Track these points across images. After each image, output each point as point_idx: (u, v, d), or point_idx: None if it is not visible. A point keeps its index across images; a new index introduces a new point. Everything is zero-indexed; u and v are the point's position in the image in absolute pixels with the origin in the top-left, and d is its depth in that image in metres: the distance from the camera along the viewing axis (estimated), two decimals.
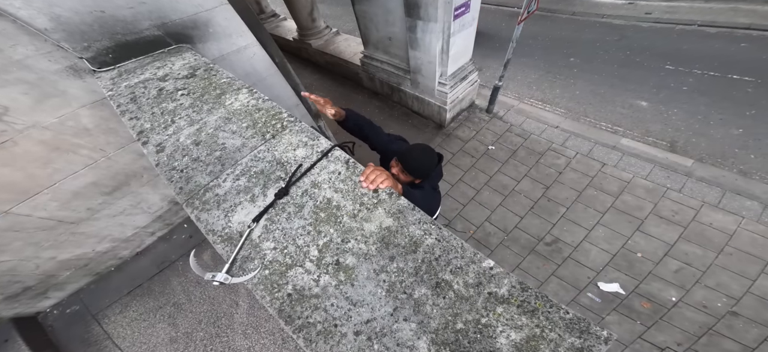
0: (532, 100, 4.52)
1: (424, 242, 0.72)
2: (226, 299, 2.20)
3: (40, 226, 1.74)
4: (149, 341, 2.12)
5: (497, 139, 3.76)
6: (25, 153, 1.50)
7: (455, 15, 2.81)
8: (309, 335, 0.62)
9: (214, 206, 0.87)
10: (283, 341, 1.91)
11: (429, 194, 1.30)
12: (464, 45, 3.33)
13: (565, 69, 5.01)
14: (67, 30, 1.30)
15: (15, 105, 1.39)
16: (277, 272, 0.72)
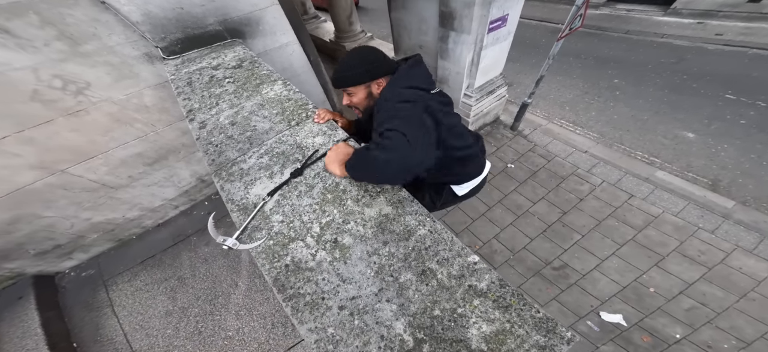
0: (563, 121, 4.34)
1: (417, 231, 0.77)
2: (227, 278, 2.23)
3: (87, 187, 1.98)
4: (146, 313, 2.17)
5: (518, 158, 3.66)
6: (93, 122, 1.75)
7: (490, 28, 2.80)
8: (297, 305, 0.69)
9: (238, 179, 0.99)
10: (272, 325, 1.93)
11: (392, 91, 0.99)
12: (496, 58, 3.30)
13: (606, 91, 4.75)
14: (152, 23, 1.54)
15: (97, 82, 1.64)
16: (280, 243, 0.80)
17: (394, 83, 1.02)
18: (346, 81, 1.05)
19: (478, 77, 3.30)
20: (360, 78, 1.04)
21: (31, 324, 2.00)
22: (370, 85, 1.06)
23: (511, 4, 2.78)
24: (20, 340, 1.90)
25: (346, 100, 1.11)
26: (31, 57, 1.41)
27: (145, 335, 2.06)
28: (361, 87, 1.06)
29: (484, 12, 2.66)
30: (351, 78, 1.05)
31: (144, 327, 2.09)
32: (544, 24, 7.11)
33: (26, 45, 1.38)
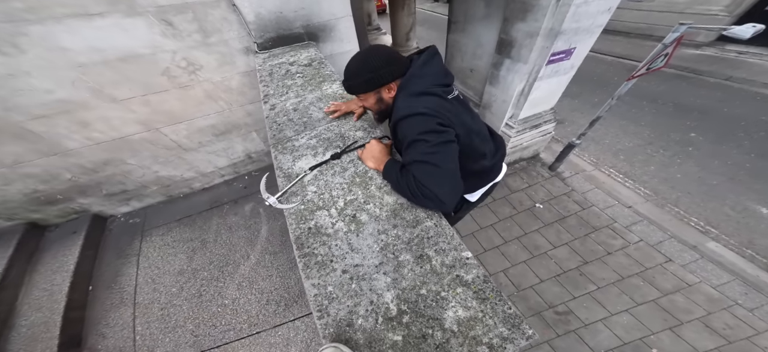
0: (613, 170, 4.01)
1: (424, 222, 0.89)
2: (242, 249, 2.33)
3: (167, 145, 2.38)
4: (162, 268, 2.28)
5: (549, 199, 3.50)
6: (193, 95, 2.14)
7: (550, 60, 2.70)
8: (309, 263, 0.83)
9: (289, 152, 1.20)
10: (267, 302, 1.97)
11: (407, 102, 0.95)
12: (549, 92, 3.20)
13: (676, 145, 4.26)
14: (259, 24, 1.87)
15: (207, 66, 2.03)
16: (309, 209, 0.97)
17: (406, 89, 0.98)
18: (352, 90, 1.03)
19: (525, 109, 3.24)
20: (365, 86, 1.01)
21: (68, 261, 2.17)
22: (379, 91, 1.02)
23: (581, 38, 2.62)
24: (52, 273, 2.09)
25: (360, 102, 1.11)
26: (175, 43, 1.82)
27: (153, 289, 2.16)
28: (370, 94, 1.03)
29: (547, 43, 2.58)
30: (356, 87, 1.02)
31: (155, 281, 2.21)
32: (621, 61, 6.58)
33: (177, 35, 1.79)
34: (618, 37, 7.59)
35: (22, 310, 1.91)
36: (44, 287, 2.02)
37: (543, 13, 2.41)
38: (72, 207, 2.40)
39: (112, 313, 2.03)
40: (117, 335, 1.92)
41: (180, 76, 1.98)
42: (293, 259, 2.10)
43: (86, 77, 1.74)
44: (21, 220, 2.27)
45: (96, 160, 2.18)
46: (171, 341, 1.86)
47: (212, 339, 1.83)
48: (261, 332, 1.83)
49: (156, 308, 2.03)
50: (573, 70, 3.01)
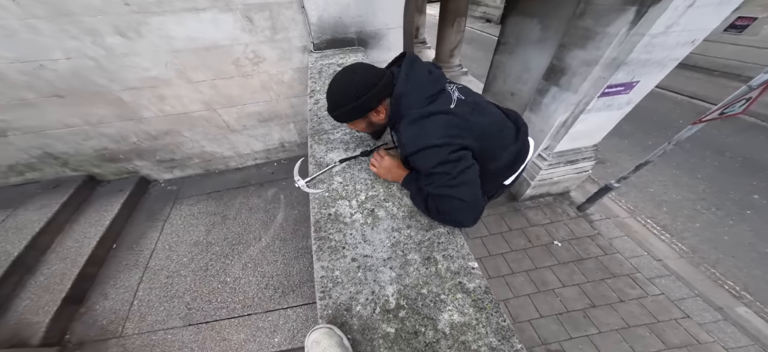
0: (651, 221, 3.66)
1: (438, 228, 0.93)
2: (256, 231, 2.40)
3: (218, 124, 2.63)
4: (181, 236, 2.38)
5: (570, 239, 3.29)
6: (251, 84, 2.37)
7: (605, 92, 2.47)
8: (322, 246, 0.90)
9: (324, 144, 1.31)
10: (266, 287, 2.01)
11: (413, 134, 0.89)
12: (596, 126, 2.97)
13: (732, 205, 3.80)
14: (319, 26, 2.03)
15: (269, 59, 2.24)
16: (333, 197, 1.05)
17: (402, 114, 0.93)
18: (339, 119, 0.98)
19: (564, 142, 3.07)
20: (351, 115, 0.95)
21: (106, 217, 2.36)
22: (367, 116, 0.96)
23: (649, 71, 2.31)
24: (89, 226, 2.28)
25: (350, 126, 1.04)
26: (249, 37, 2.06)
27: (166, 256, 2.25)
28: (359, 121, 0.99)
29: (605, 74, 2.35)
30: (342, 117, 0.97)
31: (171, 248, 2.31)
32: (693, 101, 5.80)
33: (252, 30, 2.02)
34: (696, 74, 6.63)
35: (49, 258, 2.09)
36: (77, 238, 2.22)
37: (608, 41, 2.23)
38: (127, 167, 2.74)
39: (122, 274, 2.14)
40: (118, 296, 2.01)
41: (245, 67, 2.22)
42: (300, 248, 2.21)
43: (176, 61, 2.05)
44: (83, 172, 2.63)
45: (160, 130, 2.50)
46: (164, 311, 1.92)
47: (203, 314, 1.88)
48: (252, 314, 1.87)
49: (163, 276, 2.12)
50: (629, 106, 2.74)
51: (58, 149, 2.38)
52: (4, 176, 2.45)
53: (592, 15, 2.33)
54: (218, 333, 1.79)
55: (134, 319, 1.88)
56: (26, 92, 1.97)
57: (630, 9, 2.04)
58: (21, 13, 1.62)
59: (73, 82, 1.98)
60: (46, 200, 2.34)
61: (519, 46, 3.43)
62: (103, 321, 1.88)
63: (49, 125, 2.20)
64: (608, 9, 2.18)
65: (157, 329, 1.82)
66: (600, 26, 2.27)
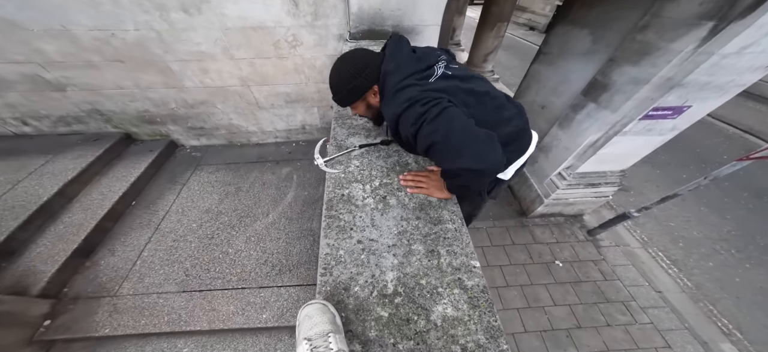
0: (662, 253, 3.50)
1: (446, 223, 0.94)
2: (266, 206, 2.45)
3: (249, 100, 2.74)
4: (195, 202, 2.47)
5: (573, 261, 3.19)
6: (285, 65, 2.45)
7: (649, 114, 2.28)
8: (331, 224, 0.93)
9: (346, 128, 1.35)
10: (264, 263, 2.03)
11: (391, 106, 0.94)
12: (629, 151, 2.78)
13: (755, 249, 3.56)
14: (359, 15, 2.04)
15: (306, 43, 2.31)
16: (348, 179, 1.08)
17: (386, 91, 0.96)
18: (341, 103, 1.06)
19: (589, 163, 2.91)
20: (350, 97, 1.03)
21: (132, 173, 2.47)
22: (365, 97, 1.04)
23: (706, 96, 2.09)
24: (116, 180, 2.40)
25: (353, 111, 1.13)
26: (292, 21, 2.14)
27: (178, 219, 2.31)
28: (358, 103, 1.06)
29: (654, 95, 2.19)
30: (342, 100, 1.05)
31: (184, 212, 2.38)
32: (747, 136, 5.23)
33: (296, 14, 2.10)
34: (760, 105, 5.89)
35: (74, 206, 2.20)
36: (102, 191, 2.35)
37: (668, 59, 2.04)
38: (161, 130, 2.93)
39: (134, 232, 2.21)
40: (124, 255, 2.05)
41: (284, 49, 2.31)
42: (305, 230, 2.25)
43: (225, 38, 2.17)
44: (122, 130, 2.83)
45: (196, 99, 2.65)
46: (163, 274, 1.95)
47: (199, 282, 1.90)
48: (245, 288, 1.88)
49: (170, 239, 2.17)
50: (673, 132, 2.51)
51: (106, 107, 2.60)
52: (53, 125, 2.69)
53: (656, 29, 2.15)
54: (209, 303, 1.81)
55: (133, 279, 1.92)
56: (93, 56, 2.17)
57: (705, 24, 1.84)
58: None
59: (135, 50, 2.17)
60: (83, 151, 2.52)
61: (561, 56, 3.27)
62: (103, 278, 1.93)
63: (104, 85, 2.41)
64: (679, 23, 1.99)
65: (151, 292, 1.86)
66: (663, 41, 2.09)
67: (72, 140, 2.66)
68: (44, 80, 2.30)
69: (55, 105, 2.51)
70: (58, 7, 1.88)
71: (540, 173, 3.44)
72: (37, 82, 2.30)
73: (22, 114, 2.56)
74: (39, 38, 2.03)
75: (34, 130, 2.72)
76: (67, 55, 2.14)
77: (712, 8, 1.82)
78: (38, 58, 2.15)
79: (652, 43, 2.17)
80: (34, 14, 1.91)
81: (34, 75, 2.26)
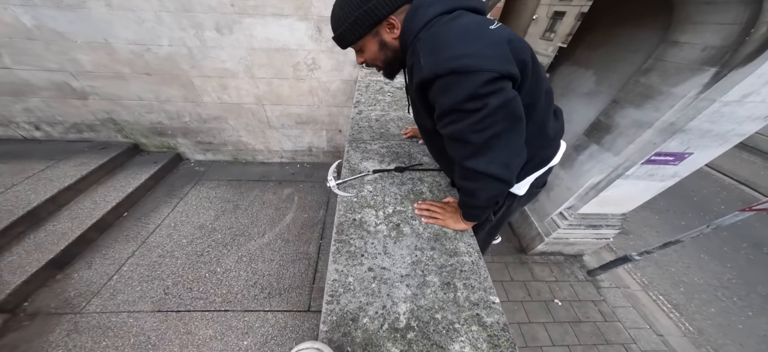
0: (662, 298, 3.46)
1: (462, 255, 0.91)
2: (262, 226, 2.40)
3: (261, 118, 2.80)
4: (190, 217, 2.41)
5: (572, 300, 3.13)
6: (301, 87, 2.55)
7: (651, 159, 2.29)
8: (341, 249, 0.89)
9: (360, 152, 1.36)
10: (253, 284, 1.95)
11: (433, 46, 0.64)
12: (630, 195, 2.80)
13: (757, 297, 3.59)
14: None
15: (324, 67, 2.41)
16: (361, 204, 1.07)
17: (420, 30, 0.69)
18: (344, 39, 0.78)
19: (591, 205, 2.92)
20: (358, 29, 0.74)
21: (130, 184, 2.46)
22: (378, 32, 0.76)
23: (706, 144, 2.11)
24: (112, 190, 2.38)
25: (359, 58, 0.85)
26: (314, 46, 2.26)
27: (168, 234, 2.25)
28: (368, 38, 0.77)
29: (657, 139, 2.18)
30: (346, 34, 0.76)
31: (176, 227, 2.32)
32: (742, 187, 5.42)
33: (318, 40, 2.21)
34: (754, 157, 6.15)
35: (61, 215, 2.14)
36: (95, 200, 2.31)
37: (671, 103, 2.06)
38: (169, 143, 2.96)
39: (117, 245, 2.12)
40: (101, 268, 1.94)
41: (302, 71, 2.42)
42: (300, 253, 2.18)
43: (249, 57, 2.29)
44: (132, 140, 2.85)
45: (211, 114, 2.72)
46: (139, 291, 1.83)
47: (178, 302, 1.79)
48: (228, 311, 1.77)
49: (156, 254, 2.08)
50: (674, 179, 2.54)
51: (121, 117, 2.66)
52: (65, 132, 2.73)
53: (659, 72, 2.19)
54: (185, 325, 1.68)
55: (104, 295, 1.80)
56: (124, 67, 2.28)
57: (707, 70, 1.88)
58: (158, 5, 1.95)
59: (164, 64, 2.27)
60: (87, 159, 2.53)
61: (564, 96, 3.36)
62: (72, 293, 1.79)
63: (126, 96, 2.49)
64: (681, 68, 2.03)
65: (121, 311, 1.73)
66: (666, 85, 2.11)
67: (79, 147, 2.67)
68: (70, 88, 2.38)
69: (73, 112, 2.56)
70: (106, 22, 2.00)
71: (541, 212, 3.43)
72: (63, 89, 2.38)
73: (37, 119, 2.61)
74: (79, 49, 2.14)
75: (45, 135, 2.74)
76: (99, 65, 2.24)
77: (715, 55, 1.87)
78: (71, 68, 2.25)
79: (655, 87, 2.21)
80: (83, 27, 2.03)
81: (62, 83, 2.34)
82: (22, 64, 2.19)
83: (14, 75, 2.25)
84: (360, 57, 0.85)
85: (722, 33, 1.85)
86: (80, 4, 1.90)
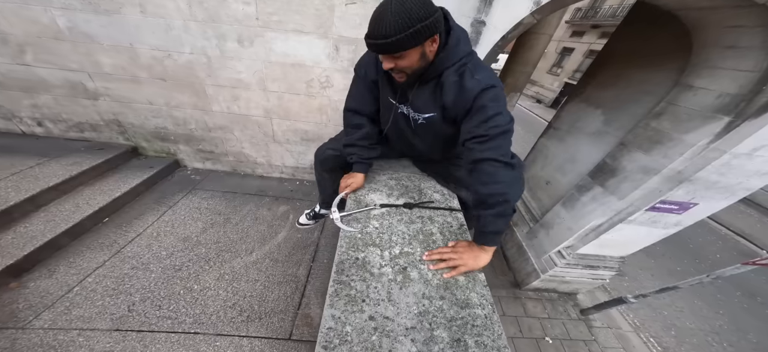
0: (653, 340, 3.45)
1: (474, 308, 0.85)
2: (251, 244, 2.31)
3: (267, 132, 2.77)
4: (175, 227, 2.31)
5: (564, 339, 3.06)
6: (310, 104, 2.52)
7: (656, 206, 2.26)
8: (339, 291, 0.82)
9: (368, 181, 1.31)
10: (232, 305, 1.83)
11: (488, 72, 0.94)
12: (630, 240, 2.76)
13: (747, 344, 3.63)
14: None
15: (336, 85, 2.38)
16: (365, 241, 1.02)
17: (469, 50, 0.96)
18: (397, 46, 0.82)
19: (589, 246, 2.86)
20: (415, 38, 0.81)
21: (119, 188, 2.38)
22: (424, 44, 0.86)
23: (712, 196, 2.06)
24: (98, 194, 2.30)
25: (389, 64, 0.90)
26: (329, 64, 2.25)
27: (147, 244, 2.13)
28: (415, 49, 0.86)
29: (663, 187, 2.16)
30: (403, 41, 0.81)
31: (156, 238, 2.20)
32: (739, 239, 5.51)
33: (335, 58, 2.21)
34: (751, 210, 6.30)
35: (37, 216, 1.99)
36: (77, 203, 2.18)
37: (681, 151, 2.00)
38: (169, 149, 2.90)
39: (88, 253, 1.98)
40: (63, 278, 1.80)
41: (315, 88, 2.40)
42: (288, 275, 2.07)
43: (265, 70, 2.28)
44: (132, 143, 2.80)
45: (217, 124, 2.68)
46: (99, 307, 1.69)
47: (141, 321, 1.64)
48: (198, 334, 1.62)
49: (128, 266, 1.95)
50: (677, 228, 2.50)
51: (127, 119, 2.62)
52: (66, 130, 2.68)
53: (671, 118, 2.13)
54: (145, 347, 1.52)
55: (58, 309, 1.64)
56: (142, 72, 2.27)
57: (721, 119, 1.82)
58: (188, 14, 1.96)
59: (180, 71, 2.27)
60: (81, 159, 2.44)
61: (571, 134, 3.35)
62: (21, 304, 1.63)
63: (137, 99, 2.46)
64: (694, 115, 1.98)
65: (73, 328, 1.56)
66: (677, 132, 2.05)
67: (76, 146, 2.60)
68: (84, 88, 2.36)
69: (80, 111, 2.53)
70: (136, 27, 2.02)
71: (539, 248, 3.37)
72: (77, 88, 2.37)
73: (42, 115, 2.56)
74: (104, 52, 2.14)
75: (45, 131, 2.69)
76: (118, 68, 2.24)
77: (729, 103, 1.82)
78: (90, 69, 2.24)
79: (665, 132, 2.15)
80: (113, 31, 2.04)
81: (77, 82, 2.33)
82: (44, 62, 2.19)
83: (31, 72, 2.24)
84: (392, 62, 0.90)
85: (740, 80, 1.81)
86: (116, 9, 1.93)
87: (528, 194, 3.85)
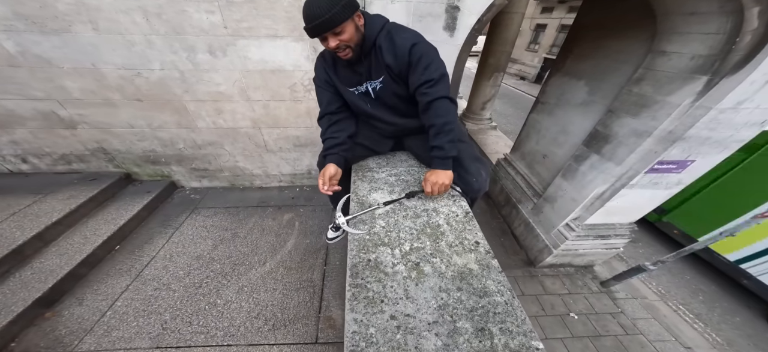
0: (683, 307, 3.38)
1: (493, 296, 0.83)
2: (263, 254, 2.33)
3: (258, 142, 2.72)
4: (185, 248, 2.34)
5: (589, 314, 3.02)
6: (298, 109, 2.47)
7: (654, 168, 2.29)
8: (357, 294, 0.81)
9: (368, 182, 1.29)
10: (256, 316, 1.88)
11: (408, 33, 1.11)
12: (636, 205, 2.77)
13: None
14: None
15: None
16: (373, 242, 1.00)
17: (381, 25, 1.10)
18: (333, 21, 0.94)
19: (597, 215, 2.86)
20: (346, 12, 0.95)
21: (122, 216, 2.38)
22: (354, 18, 1.00)
23: (707, 151, 2.16)
24: (103, 223, 2.31)
25: (334, 42, 1.00)
26: (310, 66, 2.19)
27: (164, 266, 2.17)
28: (349, 22, 0.99)
29: (657, 148, 2.20)
30: (337, 16, 0.94)
31: (171, 258, 2.24)
32: None
33: (314, 59, 2.12)
34: None
35: (49, 250, 2.05)
36: (85, 234, 2.21)
37: (667, 112, 2.05)
38: (163, 171, 2.86)
39: (109, 280, 2.05)
40: (93, 305, 1.88)
41: (299, 92, 2.35)
42: (304, 280, 2.09)
43: (244, 80, 2.22)
44: (123, 170, 2.75)
45: (206, 140, 2.62)
46: (136, 327, 1.77)
47: (177, 337, 1.72)
48: (232, 345, 1.69)
49: (151, 288, 2.01)
50: (679, 186, 2.52)
51: (112, 146, 2.55)
52: (53, 163, 2.61)
53: (652, 82, 2.19)
54: None
55: (98, 332, 1.72)
56: (114, 94, 2.19)
57: (699, 78, 1.89)
58: (148, 29, 1.87)
59: (155, 89, 2.19)
60: (76, 191, 2.41)
61: (559, 107, 3.36)
62: (63, 331, 1.72)
63: (116, 124, 2.39)
64: (673, 77, 2.04)
65: (117, 348, 1.65)
66: (660, 95, 2.11)
67: (68, 179, 2.56)
68: (58, 117, 2.28)
69: (62, 143, 2.46)
70: (93, 47, 1.92)
71: (547, 224, 3.37)
72: (51, 119, 2.28)
73: (24, 151, 2.49)
74: (66, 76, 2.05)
75: (32, 168, 2.63)
76: (88, 92, 2.15)
77: (704, 63, 1.89)
78: (58, 95, 2.15)
79: (648, 96, 2.20)
80: (69, 53, 1.94)
81: (49, 112, 2.24)
82: (6, 93, 2.09)
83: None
84: (335, 40, 1.00)
85: (708, 42, 1.87)
86: (66, 28, 1.82)
87: (527, 170, 3.84)
